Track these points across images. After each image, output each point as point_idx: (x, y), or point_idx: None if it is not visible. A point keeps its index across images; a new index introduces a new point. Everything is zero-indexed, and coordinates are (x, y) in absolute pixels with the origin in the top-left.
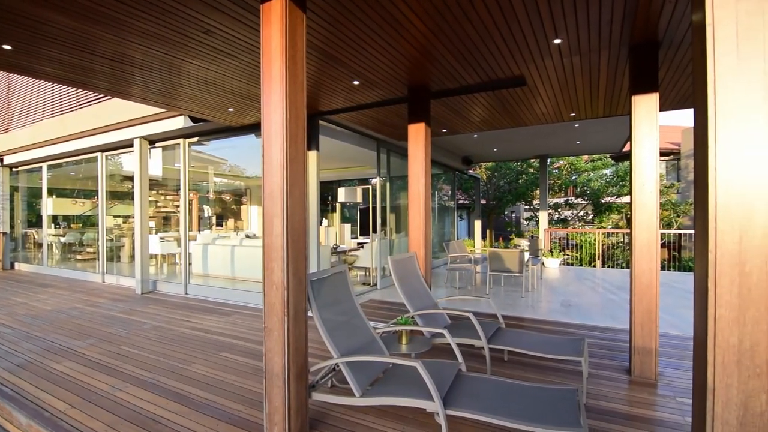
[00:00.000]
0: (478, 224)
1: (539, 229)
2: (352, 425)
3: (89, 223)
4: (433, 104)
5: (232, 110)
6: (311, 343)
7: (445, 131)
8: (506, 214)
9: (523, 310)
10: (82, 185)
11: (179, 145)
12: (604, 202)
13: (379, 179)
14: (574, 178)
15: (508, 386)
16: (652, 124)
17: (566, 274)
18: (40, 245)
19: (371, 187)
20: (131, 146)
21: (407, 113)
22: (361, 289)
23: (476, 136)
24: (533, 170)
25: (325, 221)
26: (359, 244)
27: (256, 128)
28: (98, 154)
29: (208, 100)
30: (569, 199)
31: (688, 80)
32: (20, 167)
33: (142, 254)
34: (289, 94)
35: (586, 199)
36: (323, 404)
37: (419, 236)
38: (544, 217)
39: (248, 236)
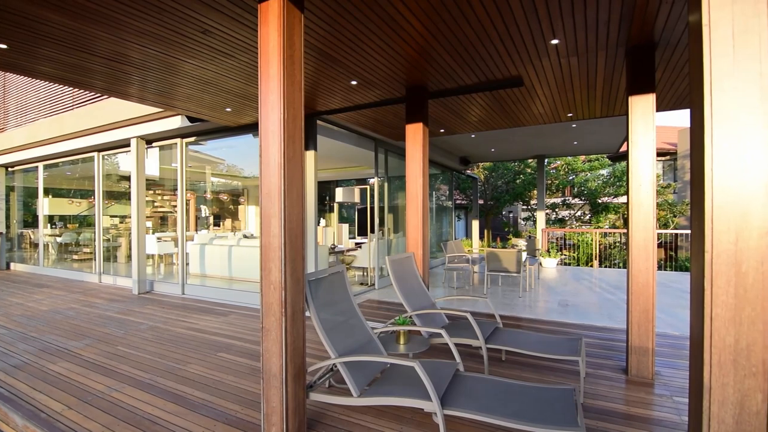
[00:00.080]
0: (475, 224)
1: (536, 229)
2: (350, 425)
3: (86, 223)
4: (430, 104)
5: (229, 110)
6: (309, 343)
7: (442, 131)
8: (504, 214)
9: (520, 309)
10: (78, 185)
11: (176, 144)
12: (601, 202)
13: (376, 179)
14: (571, 178)
15: (505, 386)
16: (648, 124)
17: (563, 273)
18: (36, 245)
19: (369, 187)
20: (128, 146)
21: (405, 113)
22: (358, 289)
23: (474, 136)
24: (531, 170)
25: (322, 221)
26: (357, 244)
27: (253, 128)
28: (95, 153)
29: (205, 99)
30: (566, 199)
31: (684, 81)
32: (16, 167)
33: (138, 254)
34: (286, 93)
35: (583, 199)
36: (321, 404)
37: (417, 236)
38: (541, 217)
39: (246, 236)
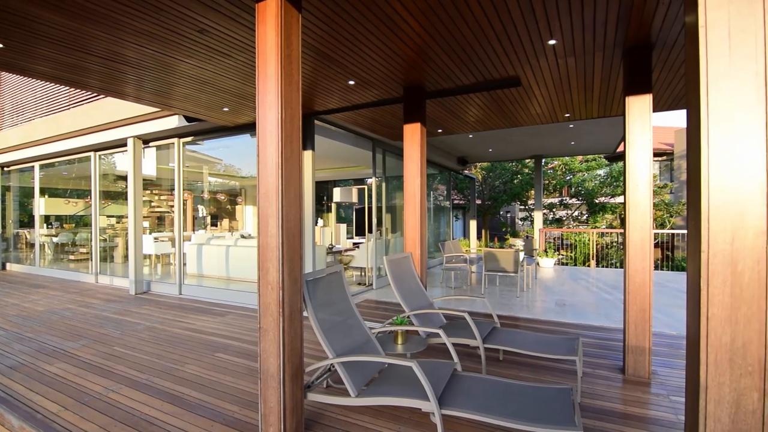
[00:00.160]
0: (473, 224)
1: (534, 229)
2: (347, 425)
3: (82, 223)
4: (428, 104)
5: (227, 110)
6: (306, 343)
7: (440, 131)
8: (501, 214)
9: (518, 309)
10: (74, 185)
11: (173, 144)
12: (598, 202)
13: (374, 179)
14: (568, 178)
15: (503, 386)
16: (645, 124)
17: (561, 273)
18: (32, 245)
19: (367, 187)
20: (125, 146)
21: (403, 113)
22: (356, 289)
23: (471, 136)
24: (528, 170)
25: (320, 221)
26: (355, 244)
27: (251, 128)
28: (91, 153)
29: (202, 99)
30: (564, 199)
31: (681, 81)
32: (12, 167)
33: (135, 254)
34: (284, 93)
35: (580, 199)
36: (319, 405)
37: (415, 236)
38: (538, 217)
39: (243, 236)
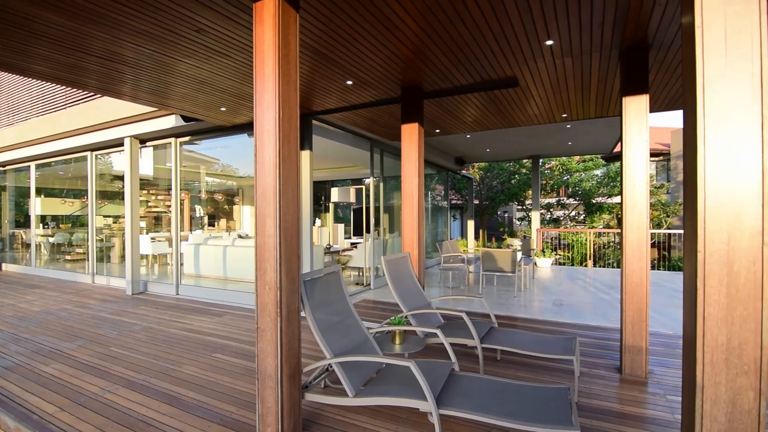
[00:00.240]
0: (471, 224)
1: (531, 229)
2: (345, 425)
3: (79, 223)
4: (426, 104)
5: (224, 109)
6: (304, 343)
7: (438, 131)
8: (499, 214)
9: (515, 309)
10: (71, 185)
11: (170, 144)
12: (595, 202)
13: (372, 179)
14: (565, 178)
15: (500, 385)
16: (642, 125)
17: (558, 273)
18: (28, 246)
19: (364, 187)
20: (121, 145)
21: (401, 113)
22: (354, 289)
23: (469, 136)
24: (526, 170)
25: (318, 221)
26: (352, 244)
27: (248, 128)
28: (88, 153)
29: (200, 99)
30: (561, 199)
31: (677, 82)
32: (7, 166)
33: (132, 255)
34: (282, 93)
35: (577, 199)
36: (316, 405)
37: (412, 236)
38: (536, 217)
39: (241, 236)
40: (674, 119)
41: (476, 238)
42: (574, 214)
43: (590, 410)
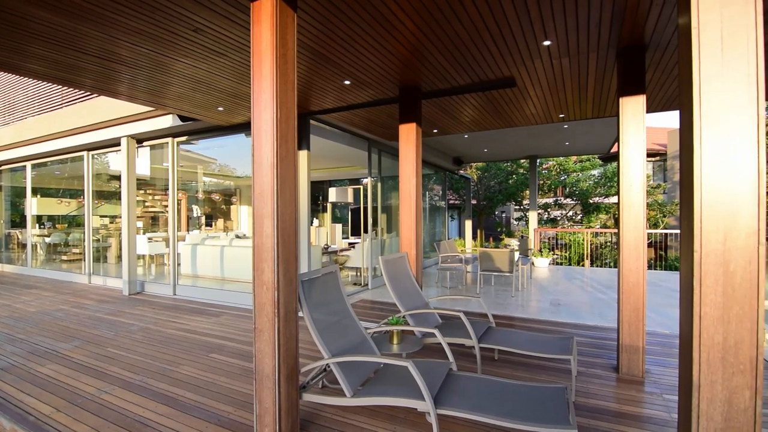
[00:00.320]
0: (468, 224)
1: (529, 228)
2: (343, 426)
3: (75, 223)
4: (424, 104)
5: (221, 109)
6: (302, 343)
7: (436, 131)
8: (496, 214)
9: (513, 309)
10: (67, 185)
11: (167, 144)
12: (592, 202)
13: (370, 179)
14: (563, 178)
15: (498, 385)
16: (639, 125)
17: (555, 273)
18: (24, 246)
19: (362, 187)
20: (118, 145)
21: (398, 113)
22: (352, 289)
23: (467, 136)
24: (523, 171)
25: (315, 221)
26: (350, 244)
27: (246, 127)
28: (84, 153)
29: (197, 98)
30: (558, 199)
31: (674, 82)
32: (3, 166)
33: (129, 255)
34: (279, 93)
35: (574, 199)
36: (314, 405)
37: (410, 236)
38: (533, 217)
39: (238, 236)
40: (671, 120)
41: (474, 238)
42: (571, 214)
43: (587, 409)
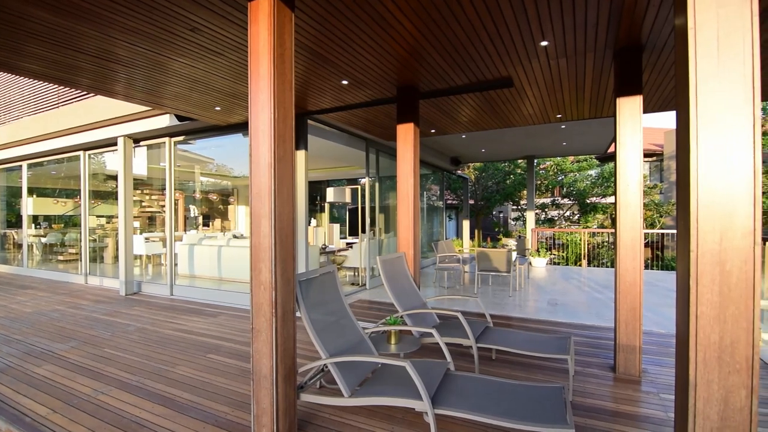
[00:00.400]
0: (466, 224)
1: (526, 228)
2: (341, 426)
3: (71, 223)
4: (421, 104)
5: (219, 109)
6: (299, 343)
7: (433, 131)
8: (494, 214)
9: (510, 309)
10: (64, 184)
11: (164, 143)
12: (589, 202)
13: (368, 179)
14: (560, 178)
15: (496, 385)
16: (636, 125)
17: (553, 273)
18: (20, 246)
19: (360, 187)
20: (115, 145)
21: (396, 113)
22: (350, 289)
23: (464, 136)
24: (521, 171)
25: (313, 221)
26: (348, 244)
27: (243, 127)
28: (80, 152)
29: (194, 98)
30: (556, 199)
31: (671, 83)
32: None
33: (126, 255)
34: (277, 93)
35: (572, 199)
36: (312, 405)
37: (408, 236)
38: (531, 217)
39: (236, 236)
40: (668, 120)
41: (471, 238)
42: (568, 214)
43: (584, 409)
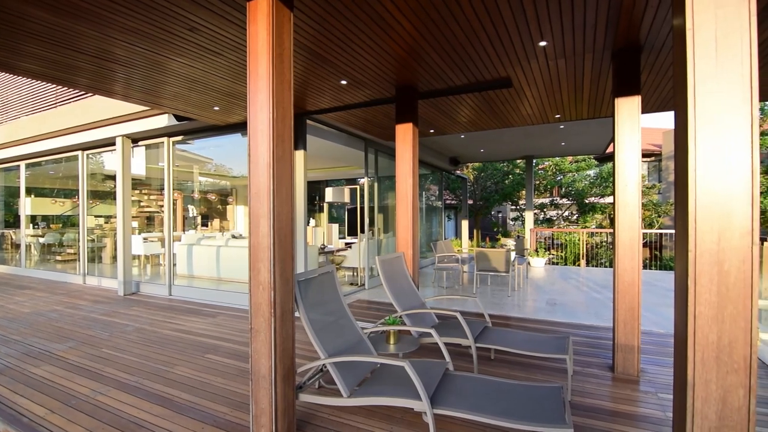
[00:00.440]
0: (465, 224)
1: (525, 228)
2: (340, 426)
3: (70, 223)
4: (420, 105)
5: (217, 109)
6: (298, 343)
7: (432, 132)
8: (493, 214)
9: (509, 309)
10: (62, 184)
11: (163, 143)
12: (588, 202)
13: (366, 179)
14: (559, 178)
15: (494, 384)
16: (634, 126)
17: (551, 273)
18: (17, 246)
19: (359, 187)
20: (113, 145)
21: (395, 113)
22: (348, 289)
23: (463, 136)
24: (519, 171)
25: (312, 221)
26: (347, 244)
27: (242, 127)
28: (79, 152)
29: (193, 98)
30: (554, 199)
31: (669, 83)
32: None
33: (124, 255)
34: (275, 92)
35: (570, 199)
36: (311, 405)
37: (407, 236)
38: (529, 217)
39: (234, 236)
40: (666, 120)
41: (470, 237)
42: (567, 214)
43: (583, 408)
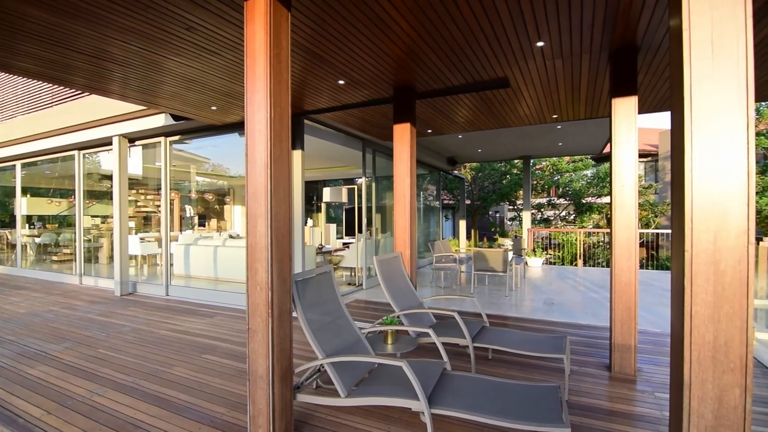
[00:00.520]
0: (462, 224)
1: (522, 228)
2: (337, 426)
3: (66, 223)
4: (418, 105)
5: (214, 108)
6: (296, 344)
7: (430, 132)
8: (490, 214)
9: (506, 308)
10: (58, 184)
11: (160, 143)
12: (585, 202)
13: (364, 179)
14: (556, 178)
15: (492, 384)
16: (631, 126)
17: (549, 273)
18: (13, 246)
19: (357, 187)
20: (110, 144)
21: (393, 113)
22: (346, 289)
23: (461, 136)
24: (517, 171)
25: (310, 221)
26: (345, 244)
27: (239, 127)
28: (75, 152)
29: (190, 97)
30: (552, 199)
31: (665, 84)
32: None
33: (121, 255)
34: (273, 92)
35: (567, 199)
36: (308, 405)
37: (404, 236)
38: (527, 217)
39: (232, 236)
40: (662, 120)
41: (468, 237)
42: (564, 214)
43: (580, 408)
